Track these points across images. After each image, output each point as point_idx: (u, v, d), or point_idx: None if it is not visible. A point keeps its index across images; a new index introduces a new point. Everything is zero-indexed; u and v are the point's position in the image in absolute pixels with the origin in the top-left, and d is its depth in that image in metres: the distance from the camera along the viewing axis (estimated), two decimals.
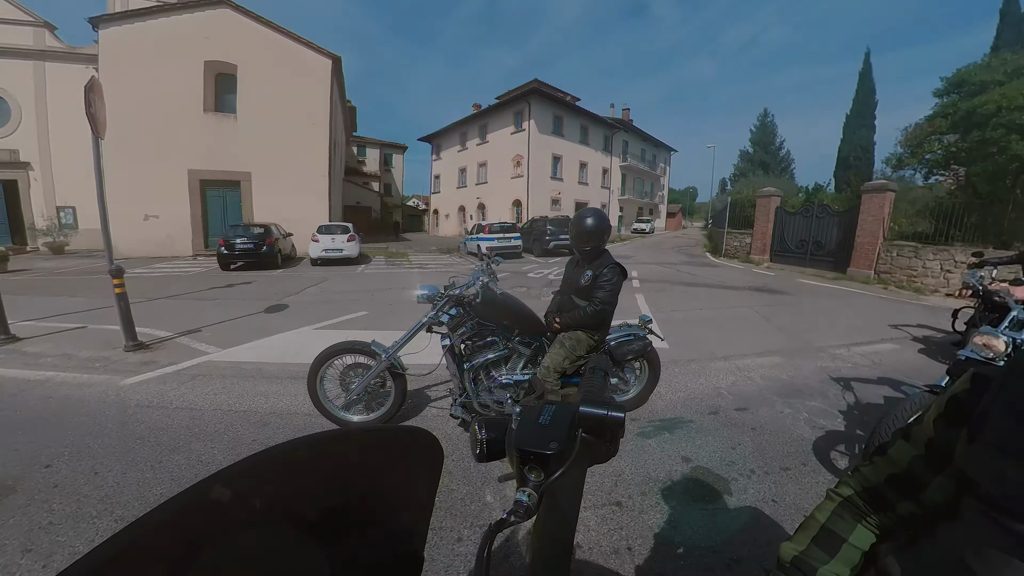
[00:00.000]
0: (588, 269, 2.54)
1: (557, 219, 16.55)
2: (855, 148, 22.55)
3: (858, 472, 0.76)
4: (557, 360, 2.47)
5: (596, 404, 0.55)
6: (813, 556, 0.72)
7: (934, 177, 13.03)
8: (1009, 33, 15.40)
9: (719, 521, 2.07)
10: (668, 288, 9.06)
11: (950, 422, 0.62)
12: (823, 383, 3.98)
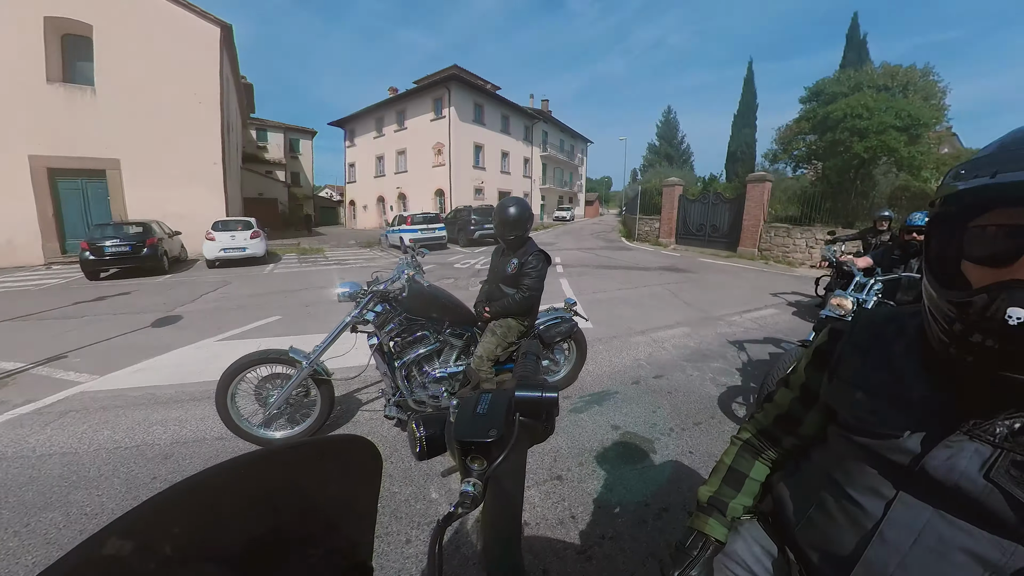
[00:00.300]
0: (514, 257, 2.58)
1: (481, 208, 16.49)
2: (741, 144, 25.74)
3: (753, 418, 0.91)
4: (490, 348, 2.50)
5: (530, 387, 0.57)
6: (724, 493, 0.85)
7: (800, 170, 15.41)
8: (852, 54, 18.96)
9: (648, 477, 2.30)
10: (589, 271, 9.59)
11: (816, 368, 0.77)
12: (722, 347, 4.55)
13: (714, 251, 14.20)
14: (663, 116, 39.68)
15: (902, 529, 0.59)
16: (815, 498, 0.71)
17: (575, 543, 1.81)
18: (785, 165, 15.26)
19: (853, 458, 0.66)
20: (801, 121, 13.73)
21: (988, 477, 0.52)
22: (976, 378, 0.54)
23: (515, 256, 2.58)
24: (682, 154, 38.40)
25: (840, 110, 11.91)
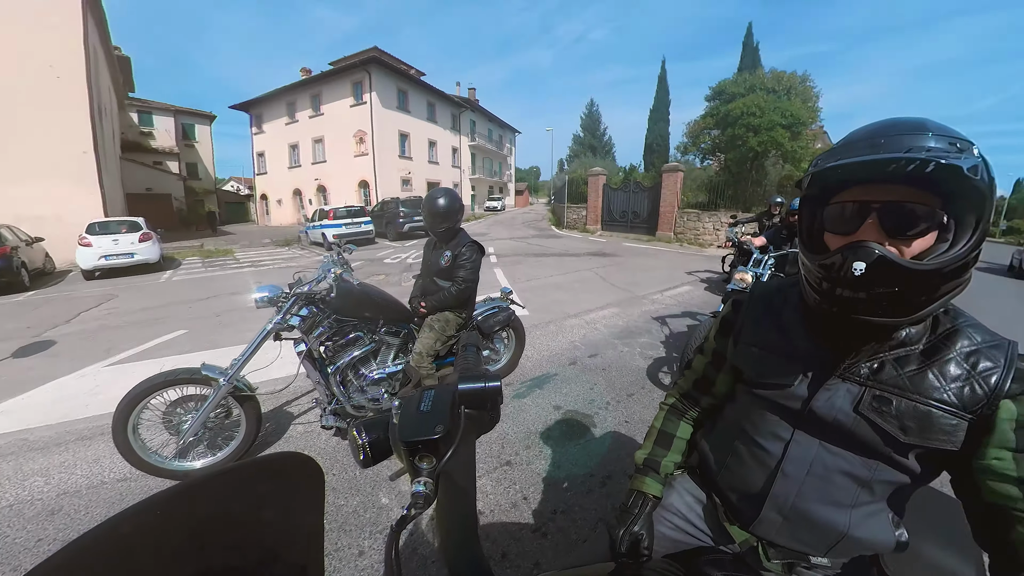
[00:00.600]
0: (447, 250, 2.53)
1: (410, 200, 15.81)
2: (657, 137, 27.67)
3: (676, 384, 1.02)
4: (428, 344, 2.45)
5: (473, 379, 0.57)
6: (656, 454, 0.95)
7: (707, 161, 17.06)
8: (747, 59, 21.34)
9: (590, 450, 2.45)
10: (523, 260, 9.77)
11: (723, 335, 0.89)
12: (648, 323, 4.94)
13: (636, 236, 15.29)
14: (587, 108, 41.19)
15: (798, 464, 0.72)
16: (730, 448, 0.83)
17: (529, 523, 1.88)
18: (694, 156, 16.83)
19: (757, 409, 0.78)
20: (706, 117, 15.20)
21: (857, 411, 0.66)
22: (842, 327, 0.67)
23: (447, 248, 2.54)
24: (605, 145, 40.25)
25: (738, 108, 13.42)
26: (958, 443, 0.61)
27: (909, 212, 0.58)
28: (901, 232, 0.59)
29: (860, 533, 0.70)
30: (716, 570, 0.76)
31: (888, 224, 0.59)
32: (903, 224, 0.58)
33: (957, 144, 0.54)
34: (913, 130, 0.57)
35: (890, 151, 0.55)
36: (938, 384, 0.62)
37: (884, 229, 0.59)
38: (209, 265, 10.78)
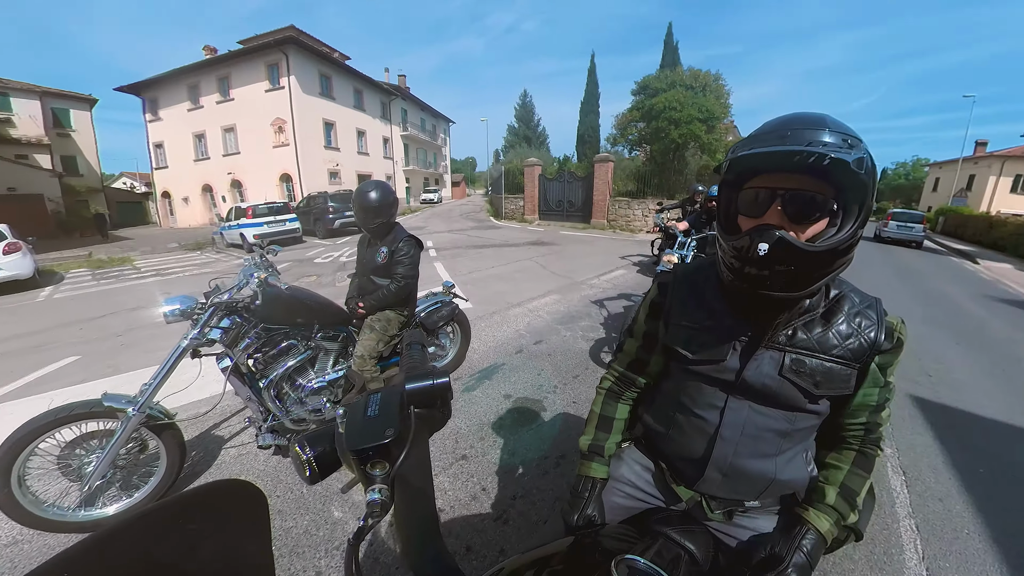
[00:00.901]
0: (382, 246, 2.42)
1: (339, 194, 14.89)
2: (588, 128, 28.57)
3: (611, 367, 1.07)
4: (370, 346, 2.35)
5: (420, 377, 0.57)
6: (599, 438, 1.00)
7: (634, 152, 18.04)
8: (668, 57, 22.79)
9: (542, 433, 2.54)
10: (463, 252, 9.70)
11: (653, 317, 0.94)
12: (587, 307, 5.17)
13: (572, 224, 15.84)
14: (520, 99, 41.27)
15: (733, 427, 0.81)
16: (671, 420, 0.91)
17: (490, 512, 1.91)
18: (623, 147, 17.79)
19: (693, 383, 0.86)
20: (633, 110, 16.11)
21: (781, 374, 0.76)
22: (755, 301, 0.76)
23: (383, 244, 2.42)
24: (539, 136, 40.75)
25: (660, 103, 14.45)
26: (851, 388, 0.77)
27: (808, 200, 0.66)
28: (800, 219, 0.67)
29: (784, 476, 0.83)
30: (666, 526, 0.83)
31: (790, 210, 0.67)
32: (802, 211, 0.67)
33: (848, 140, 0.62)
34: (814, 125, 0.64)
35: (795, 144, 0.62)
36: (836, 342, 0.75)
37: (787, 214, 0.67)
38: (102, 277, 9.12)
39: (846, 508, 0.79)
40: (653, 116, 14.69)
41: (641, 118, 15.62)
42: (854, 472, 0.81)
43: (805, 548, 0.75)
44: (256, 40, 22.36)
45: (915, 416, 3.09)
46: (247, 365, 2.10)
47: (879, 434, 0.82)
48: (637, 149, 17.53)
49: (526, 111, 40.84)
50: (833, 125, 0.64)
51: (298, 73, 20.61)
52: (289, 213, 13.38)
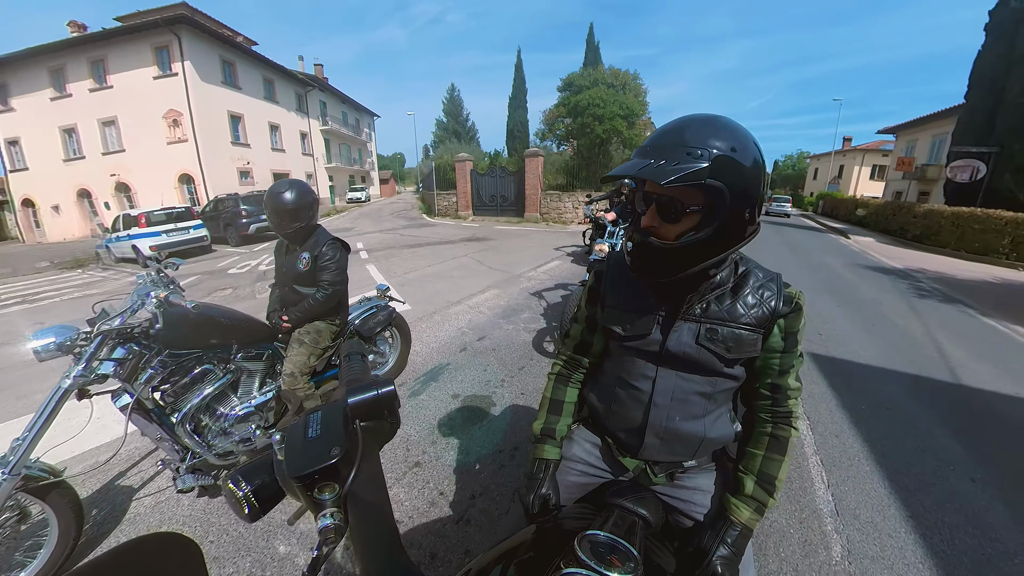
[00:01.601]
0: (303, 252, 2.20)
1: (253, 196, 13.42)
2: (517, 123, 28.79)
3: (559, 353, 1.14)
4: (301, 361, 2.16)
5: (363, 388, 0.54)
6: (551, 422, 1.06)
7: (562, 146, 18.58)
8: (591, 56, 23.77)
9: (494, 428, 2.55)
10: (396, 253, 9.36)
11: (591, 303, 1.03)
12: (527, 299, 5.28)
13: (507, 218, 16.02)
14: (448, 93, 40.49)
15: (664, 394, 0.90)
16: (612, 395, 0.99)
17: (451, 515, 1.89)
18: (551, 142, 18.26)
19: (628, 358, 0.95)
20: (559, 106, 16.61)
21: (698, 342, 0.86)
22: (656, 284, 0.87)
23: (304, 250, 2.20)
24: (469, 131, 40.36)
25: (585, 100, 15.06)
26: (758, 351, 0.87)
27: (672, 203, 0.76)
28: (668, 219, 0.78)
29: (713, 434, 0.92)
30: (617, 497, 0.91)
31: (661, 212, 0.78)
32: (669, 213, 0.77)
33: (700, 152, 0.70)
34: (678, 139, 0.73)
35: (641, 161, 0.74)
36: (743, 312, 0.85)
37: (660, 215, 0.78)
38: None
39: (764, 496, 0.87)
40: (578, 112, 15.30)
41: (567, 114, 16.18)
42: (769, 457, 0.89)
43: (729, 540, 0.83)
44: (138, 17, 19.07)
45: (812, 369, 3.65)
46: (153, 400, 1.81)
47: (788, 407, 0.89)
48: (565, 144, 18.12)
49: (454, 105, 40.23)
50: (690, 138, 0.72)
51: (194, 58, 18.13)
52: (193, 219, 11.71)
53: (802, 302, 0.86)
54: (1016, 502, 2.18)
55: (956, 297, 6.88)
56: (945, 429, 2.85)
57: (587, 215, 5.52)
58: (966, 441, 2.72)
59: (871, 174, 32.71)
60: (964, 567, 1.78)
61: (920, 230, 13.42)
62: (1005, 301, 6.83)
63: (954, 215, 12.15)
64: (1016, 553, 1.86)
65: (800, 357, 0.89)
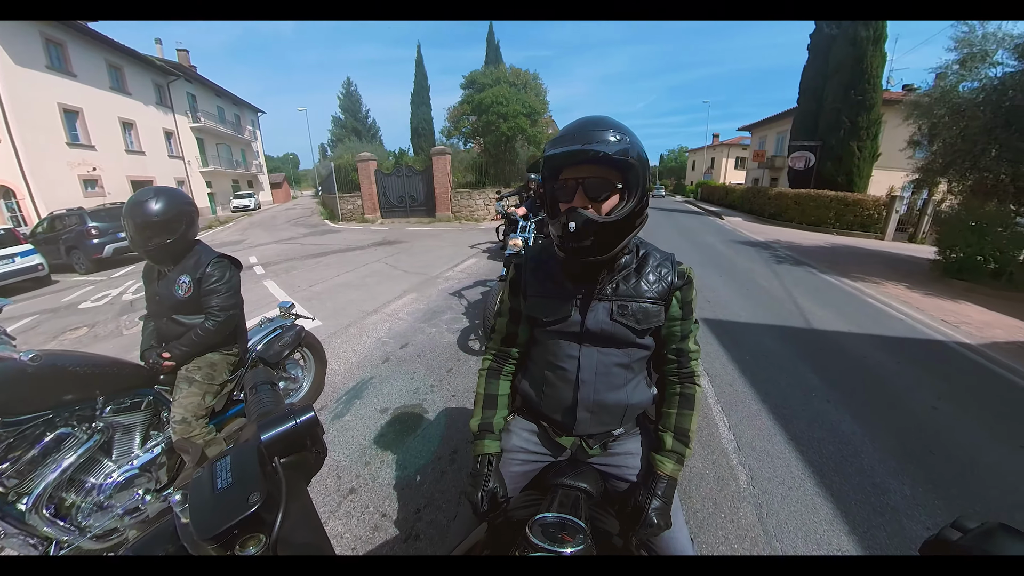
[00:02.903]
0: (181, 275, 1.86)
1: (105, 210, 10.86)
2: (421, 121, 27.86)
3: (487, 348, 1.17)
4: (194, 403, 1.85)
5: (277, 421, 0.50)
6: (487, 416, 1.08)
7: (469, 144, 18.48)
8: (492, 54, 23.95)
9: (429, 435, 2.48)
10: (298, 265, 8.52)
11: (513, 295, 1.08)
12: (447, 299, 5.21)
13: (418, 219, 15.56)
14: (344, 88, 37.65)
15: (588, 370, 0.98)
16: (543, 380, 1.05)
17: (398, 535, 1.81)
18: (458, 140, 18.07)
19: (552, 342, 1.02)
20: (463, 104, 16.51)
21: (611, 318, 0.94)
22: (581, 267, 0.96)
23: (182, 273, 1.86)
24: (369, 128, 38.04)
25: (489, 98, 15.16)
26: (662, 321, 0.98)
27: (599, 184, 0.86)
28: (596, 198, 0.86)
29: (635, 399, 1.02)
30: (559, 477, 0.96)
31: (589, 193, 0.86)
32: (597, 192, 0.86)
33: (620, 137, 0.83)
34: (598, 127, 0.84)
35: (585, 143, 0.82)
36: (646, 288, 0.96)
37: (588, 196, 0.86)
38: None
39: (682, 447, 0.99)
40: (483, 110, 15.38)
41: (472, 111, 16.17)
42: (681, 414, 1.01)
43: (659, 491, 0.93)
44: None
45: (706, 332, 4.25)
46: None
47: (691, 368, 1.02)
48: (471, 141, 18.11)
49: (352, 101, 37.70)
50: (613, 126, 0.85)
51: (2, 35, 14.33)
52: (19, 243, 9.22)
53: (692, 276, 1.01)
54: (856, 411, 2.88)
55: (803, 260, 8.49)
56: (806, 365, 3.59)
57: (499, 211, 5.61)
58: (821, 372, 3.46)
59: (735, 165, 38.31)
60: (831, 469, 2.30)
61: (774, 209, 16.45)
62: (835, 260, 8.63)
63: (796, 196, 15.24)
64: (861, 451, 2.45)
65: (696, 323, 1.03)
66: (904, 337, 4.44)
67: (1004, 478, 2.27)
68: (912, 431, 2.68)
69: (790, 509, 2.01)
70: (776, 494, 2.10)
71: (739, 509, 2.00)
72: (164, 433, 1.89)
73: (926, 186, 10.59)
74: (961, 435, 2.66)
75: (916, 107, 8.72)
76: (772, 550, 1.79)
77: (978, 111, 7.49)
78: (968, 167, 8.03)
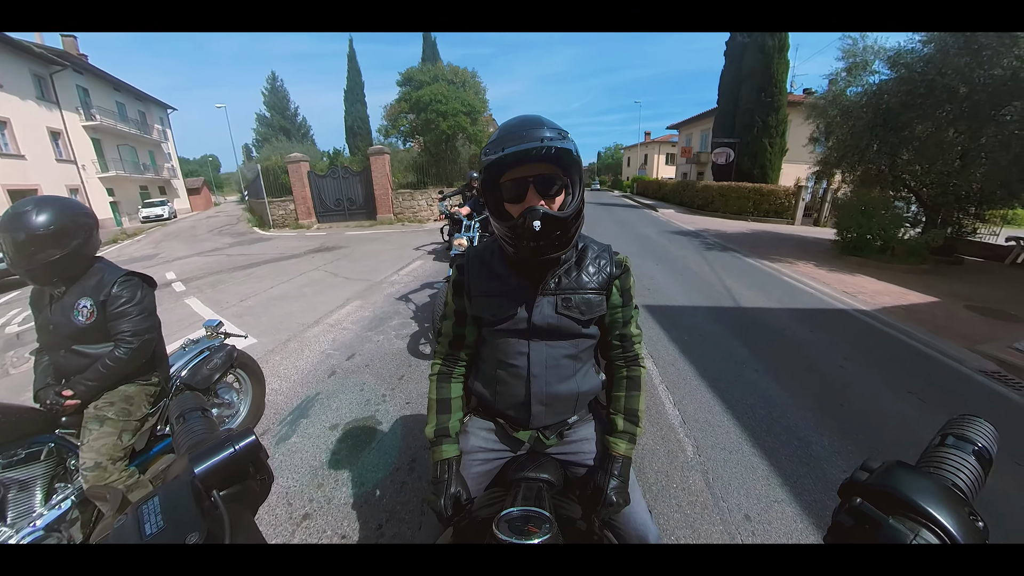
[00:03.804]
0: (81, 298, 1.63)
1: None
2: (356, 119, 26.52)
3: (435, 352, 1.16)
4: (107, 444, 1.61)
5: (212, 451, 0.46)
6: (441, 421, 1.06)
7: (408, 143, 17.94)
8: (428, 50, 23.36)
9: (385, 447, 2.39)
10: (226, 278, 7.78)
11: (458, 296, 1.07)
12: (393, 305, 5.05)
13: (357, 222, 14.86)
14: (268, 83, 34.88)
15: (539, 364, 1.00)
16: (495, 378, 1.05)
17: None
18: (396, 139, 17.52)
19: (501, 340, 1.02)
20: (401, 102, 15.99)
21: (557, 312, 0.97)
22: (533, 264, 0.97)
23: (80, 296, 1.62)
24: (300, 127, 35.62)
25: (427, 95, 14.81)
26: (604, 310, 1.02)
27: (550, 180, 0.87)
28: (548, 194, 0.88)
29: (585, 387, 1.05)
30: (520, 471, 0.98)
31: (541, 190, 0.87)
32: (548, 188, 0.88)
33: (561, 133, 0.85)
34: (538, 126, 0.85)
35: (531, 141, 0.82)
36: (587, 279, 0.99)
37: (539, 193, 0.87)
38: None
39: (633, 427, 1.04)
40: (421, 108, 15.00)
41: (410, 109, 15.72)
42: (629, 395, 1.06)
43: (616, 472, 0.97)
44: None
45: (647, 316, 4.53)
46: None
47: (635, 351, 1.07)
48: (411, 140, 17.64)
49: (278, 97, 35.07)
50: (549, 124, 0.87)
51: None
52: None
53: (629, 264, 1.06)
54: (780, 377, 3.25)
55: (729, 246, 9.29)
56: (736, 340, 3.96)
57: (442, 211, 5.54)
58: (750, 345, 3.84)
59: (666, 160, 40.83)
60: (763, 431, 2.57)
61: (702, 201, 17.83)
62: (756, 245, 9.53)
63: (720, 188, 16.66)
64: (784, 413, 2.77)
65: (636, 308, 1.08)
66: (814, 308, 5.07)
67: (896, 418, 2.73)
68: (826, 389, 3.09)
69: (732, 471, 2.21)
70: (719, 459, 2.30)
71: (688, 477, 2.16)
72: (73, 484, 1.64)
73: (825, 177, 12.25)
74: (863, 387, 3.13)
75: (814, 108, 9.91)
76: (720, 511, 1.96)
77: (862, 112, 8.68)
78: (856, 160, 9.32)
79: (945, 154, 7.85)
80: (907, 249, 7.87)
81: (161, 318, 1.88)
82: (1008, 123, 6.84)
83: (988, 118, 7.03)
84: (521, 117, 0.89)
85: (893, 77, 8.36)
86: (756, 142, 16.76)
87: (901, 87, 8.03)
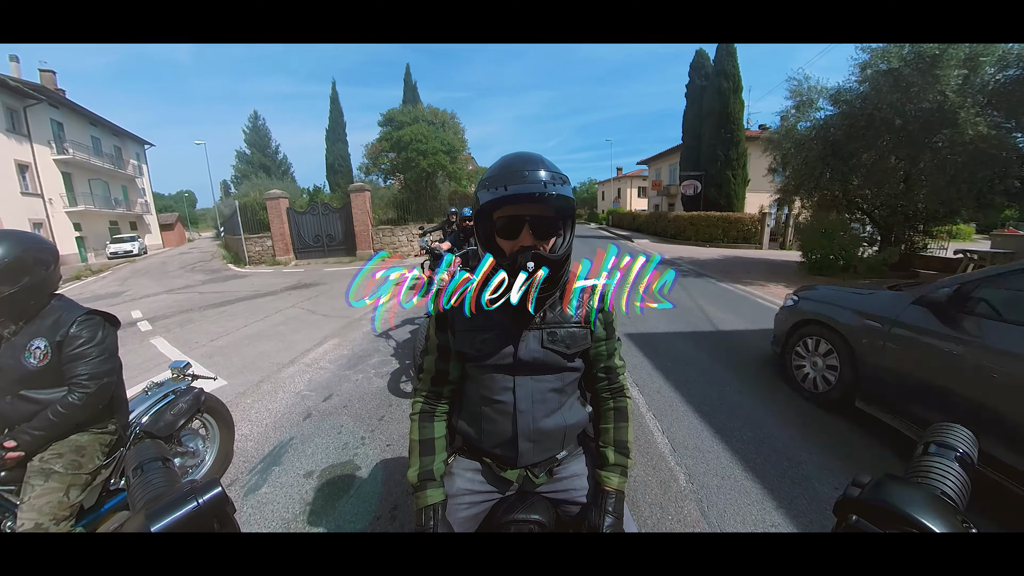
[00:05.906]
0: (34, 338, 1.51)
1: None
2: (337, 157, 27.03)
3: (417, 391, 1.10)
4: (52, 502, 1.45)
5: (172, 506, 0.42)
6: (425, 464, 1.01)
7: (388, 180, 18.32)
8: (409, 93, 24.44)
9: (364, 494, 2.25)
10: (197, 317, 7.46)
11: (441, 331, 1.04)
12: (373, 342, 4.93)
13: (337, 259, 14.78)
14: (250, 121, 35.23)
15: (525, 400, 0.97)
16: (480, 415, 1.01)
17: None
18: (377, 176, 17.90)
19: (486, 375, 0.99)
20: (382, 141, 16.59)
21: (543, 346, 0.96)
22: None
23: (36, 336, 1.51)
24: (280, 164, 35.77)
25: (408, 135, 15.50)
26: (589, 343, 1.02)
27: (545, 222, 0.89)
28: (544, 236, 0.90)
29: (572, 420, 1.03)
30: (509, 513, 0.94)
31: (536, 231, 0.89)
32: (544, 231, 0.89)
33: (561, 177, 0.87)
34: (539, 166, 0.86)
35: (532, 183, 0.83)
36: (571, 314, 0.99)
37: (534, 234, 0.88)
38: None
39: (624, 459, 1.02)
40: (402, 147, 15.59)
41: (391, 148, 16.25)
42: (618, 427, 1.05)
43: (609, 508, 0.95)
44: None
45: (629, 345, 4.56)
46: None
47: (620, 382, 1.07)
48: (391, 178, 18.03)
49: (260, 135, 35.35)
50: (548, 166, 0.88)
51: None
52: None
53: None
54: (762, 396, 3.31)
55: (704, 272, 9.62)
56: (718, 363, 4.02)
57: (423, 247, 5.55)
58: (732, 368, 3.90)
59: (638, 193, 42.69)
60: (752, 452, 2.56)
61: (674, 230, 18.66)
62: (728, 270, 9.90)
63: (690, 217, 17.55)
64: (771, 434, 2.78)
65: (619, 340, 1.08)
66: None
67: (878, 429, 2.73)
68: (807, 404, 3.16)
69: (726, 498, 2.17)
70: (712, 486, 2.26)
71: (683, 507, 2.10)
72: None
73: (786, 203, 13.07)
74: None
75: (770, 142, 10.77)
76: None
77: (813, 144, 9.48)
78: (812, 187, 10.07)
79: (890, 178, 8.60)
80: (867, 266, 8.44)
81: (122, 360, 1.77)
82: (941, 149, 7.62)
83: (924, 145, 7.81)
84: (521, 155, 0.90)
85: (836, 112, 9.23)
86: (720, 174, 18.00)
87: (844, 121, 8.87)
